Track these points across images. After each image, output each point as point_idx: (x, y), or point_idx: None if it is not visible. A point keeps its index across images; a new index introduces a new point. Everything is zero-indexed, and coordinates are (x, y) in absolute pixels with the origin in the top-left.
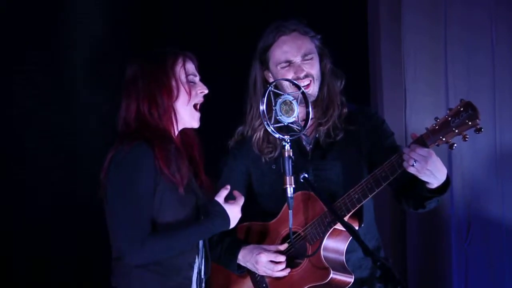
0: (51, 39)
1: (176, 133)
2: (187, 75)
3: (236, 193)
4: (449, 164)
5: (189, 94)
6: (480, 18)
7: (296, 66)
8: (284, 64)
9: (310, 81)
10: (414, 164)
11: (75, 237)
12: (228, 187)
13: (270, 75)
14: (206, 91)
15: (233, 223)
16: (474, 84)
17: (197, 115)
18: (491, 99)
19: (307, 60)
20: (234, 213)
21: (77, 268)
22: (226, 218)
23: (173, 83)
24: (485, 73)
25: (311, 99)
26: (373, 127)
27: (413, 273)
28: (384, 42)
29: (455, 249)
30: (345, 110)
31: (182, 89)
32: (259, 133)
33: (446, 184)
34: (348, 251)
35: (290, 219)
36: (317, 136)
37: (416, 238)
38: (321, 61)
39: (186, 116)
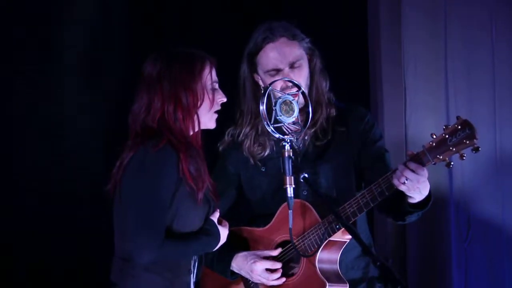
0: (51, 39)
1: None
2: (212, 82)
3: (224, 221)
4: None
5: (212, 102)
6: (480, 15)
7: (284, 74)
8: (272, 72)
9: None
10: (406, 182)
11: (75, 237)
12: (218, 210)
13: (259, 77)
14: (225, 100)
15: (219, 245)
16: (474, 81)
17: (214, 116)
18: (491, 96)
19: (295, 67)
20: (223, 236)
21: (77, 268)
22: (218, 241)
23: (199, 89)
24: (485, 70)
25: (300, 107)
26: (363, 130)
27: (413, 273)
28: (384, 40)
29: (455, 249)
30: (333, 110)
31: (206, 96)
32: (251, 138)
33: (428, 199)
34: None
35: (290, 219)
36: (306, 138)
37: (416, 238)
38: (311, 62)
39: (205, 120)
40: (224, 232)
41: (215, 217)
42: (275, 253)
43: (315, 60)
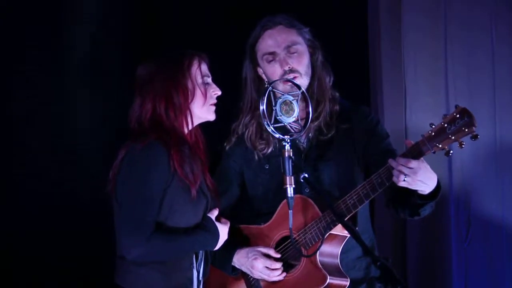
0: (51, 39)
1: (187, 132)
2: (202, 76)
3: (223, 219)
4: (448, 164)
5: (205, 96)
6: (480, 17)
7: (281, 59)
8: (269, 57)
9: (296, 77)
10: (405, 179)
11: (75, 237)
12: (217, 209)
13: (262, 71)
14: (220, 93)
15: (220, 244)
16: (474, 83)
17: (212, 108)
18: (491, 98)
19: (292, 53)
20: (223, 233)
21: (77, 268)
22: (217, 237)
23: (189, 84)
24: (485, 72)
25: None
26: (368, 128)
27: (413, 273)
28: (384, 42)
29: (455, 249)
30: (337, 107)
31: (198, 90)
32: (251, 128)
33: (438, 189)
34: (341, 252)
35: (290, 219)
36: (310, 135)
37: (416, 238)
38: (312, 54)
39: (202, 113)
40: (223, 230)
41: (213, 214)
42: (277, 255)
43: (317, 53)
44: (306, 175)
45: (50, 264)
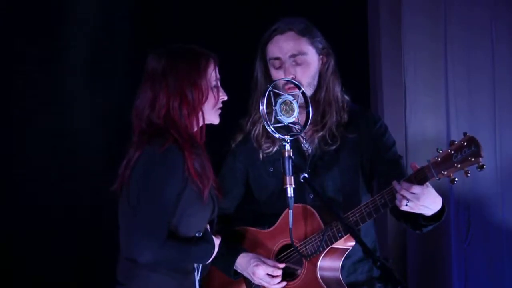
0: (51, 39)
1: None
2: (216, 79)
3: (216, 235)
4: None
5: (217, 99)
6: (480, 17)
7: (285, 67)
8: (275, 63)
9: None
10: (408, 204)
11: (75, 237)
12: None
13: None
14: (226, 98)
15: (211, 258)
16: (474, 83)
17: (218, 112)
18: (491, 98)
19: (298, 63)
20: (216, 247)
21: (77, 268)
22: (214, 249)
23: (204, 85)
24: (485, 72)
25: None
26: (375, 136)
27: (413, 273)
28: (384, 42)
29: (455, 249)
30: (345, 116)
31: (211, 93)
32: (259, 127)
33: (442, 210)
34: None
35: (290, 219)
36: (315, 141)
37: (416, 238)
38: (324, 63)
39: (209, 115)
40: (217, 243)
41: (208, 227)
42: (281, 265)
43: (329, 62)
44: (306, 175)
45: (50, 264)
